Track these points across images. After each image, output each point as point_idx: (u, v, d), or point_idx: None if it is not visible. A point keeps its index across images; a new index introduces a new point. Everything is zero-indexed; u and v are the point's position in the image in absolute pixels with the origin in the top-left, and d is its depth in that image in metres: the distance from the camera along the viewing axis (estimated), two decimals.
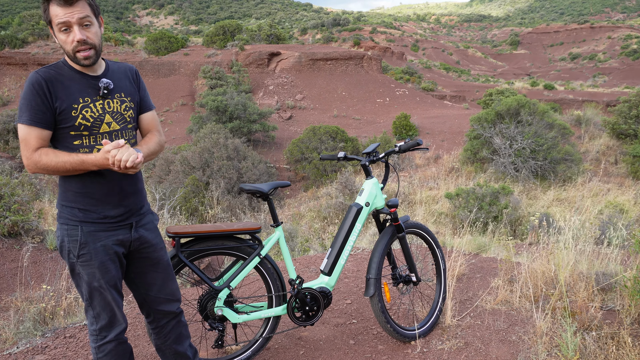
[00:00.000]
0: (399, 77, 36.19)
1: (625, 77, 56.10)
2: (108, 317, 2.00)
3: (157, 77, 29.93)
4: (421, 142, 2.78)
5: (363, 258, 4.53)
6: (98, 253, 1.92)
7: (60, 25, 1.77)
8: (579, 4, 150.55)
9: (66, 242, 1.91)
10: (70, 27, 1.78)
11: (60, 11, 1.75)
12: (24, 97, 1.78)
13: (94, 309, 1.98)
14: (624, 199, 10.38)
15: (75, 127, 1.84)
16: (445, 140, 18.90)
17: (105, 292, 1.96)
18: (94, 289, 1.95)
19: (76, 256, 1.90)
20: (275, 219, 2.64)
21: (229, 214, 11.50)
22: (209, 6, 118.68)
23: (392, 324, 2.77)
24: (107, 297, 1.97)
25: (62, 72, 1.85)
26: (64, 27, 1.77)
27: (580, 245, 3.67)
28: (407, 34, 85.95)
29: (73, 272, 1.97)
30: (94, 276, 1.93)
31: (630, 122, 14.95)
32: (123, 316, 2.07)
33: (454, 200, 9.50)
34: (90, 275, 1.92)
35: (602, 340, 2.75)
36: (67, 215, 1.91)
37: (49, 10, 1.77)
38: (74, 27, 1.78)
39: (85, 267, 1.92)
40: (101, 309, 1.98)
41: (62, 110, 1.81)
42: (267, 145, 20.87)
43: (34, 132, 1.78)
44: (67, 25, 1.77)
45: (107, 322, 2.01)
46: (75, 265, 1.93)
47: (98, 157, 1.77)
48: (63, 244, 1.92)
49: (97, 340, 2.02)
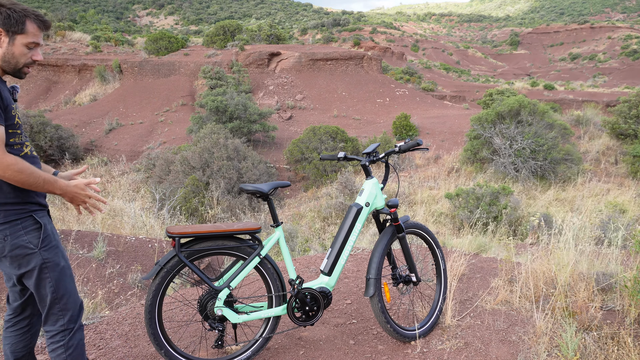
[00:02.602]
0: (399, 77, 36.18)
1: (625, 77, 56.08)
2: (74, 300, 2.09)
3: (157, 77, 29.93)
4: (421, 142, 2.78)
5: (363, 258, 4.53)
6: (53, 233, 2.05)
7: (31, 43, 1.96)
8: (579, 4, 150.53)
9: (22, 236, 1.94)
10: (36, 47, 1.99)
11: (38, 32, 1.97)
12: None
13: (61, 299, 2.04)
14: (624, 199, 10.38)
15: (13, 125, 1.97)
16: (445, 141, 18.90)
17: (69, 270, 2.09)
18: (62, 271, 2.04)
19: (38, 245, 1.97)
20: (275, 219, 2.64)
21: (229, 214, 11.50)
22: (209, 6, 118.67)
23: (392, 324, 2.77)
24: (71, 274, 2.10)
25: None
26: (33, 45, 1.97)
27: (581, 246, 3.67)
28: (407, 34, 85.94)
29: (35, 270, 1.98)
30: (58, 255, 2.04)
31: (630, 122, 14.94)
32: None
33: (454, 201, 9.51)
34: (55, 256, 2.02)
35: (602, 340, 2.74)
36: (15, 211, 1.95)
37: (25, 24, 1.93)
38: (38, 48, 2.01)
39: (50, 251, 2.00)
40: (69, 294, 2.07)
41: (5, 107, 1.91)
42: (267, 145, 20.86)
43: (1, 131, 1.85)
44: (36, 45, 1.98)
45: (75, 309, 2.09)
46: (38, 256, 1.97)
47: (71, 185, 2.00)
48: (16, 242, 1.93)
49: (65, 335, 2.06)
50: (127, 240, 5.81)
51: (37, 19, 1.96)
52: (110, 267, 4.97)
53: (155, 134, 23.80)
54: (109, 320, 3.29)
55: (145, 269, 5.30)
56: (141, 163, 18.79)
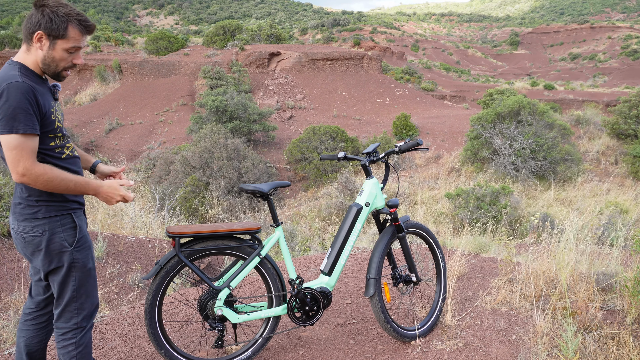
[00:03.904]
0: (399, 77, 36.18)
1: (625, 77, 56.07)
2: (92, 302, 2.12)
3: (157, 77, 29.93)
4: (421, 142, 2.78)
5: (363, 258, 4.53)
6: (88, 235, 2.11)
7: (72, 48, 1.92)
8: (579, 4, 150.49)
9: (60, 234, 1.97)
10: (77, 51, 1.96)
11: (79, 36, 1.92)
12: (17, 106, 1.77)
13: (79, 299, 2.07)
14: (624, 199, 10.38)
15: (54, 130, 1.95)
16: (445, 140, 18.90)
17: (94, 272, 2.13)
18: (88, 272, 2.08)
19: (73, 244, 2.00)
20: (275, 219, 2.63)
21: (229, 214, 11.50)
22: (209, 6, 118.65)
23: (392, 324, 2.77)
24: (95, 276, 2.14)
25: (33, 79, 1.90)
26: (74, 50, 1.93)
27: (581, 246, 3.67)
28: (407, 34, 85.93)
29: (64, 268, 2.01)
30: (88, 257, 2.08)
31: (630, 122, 14.95)
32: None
33: (454, 200, 9.51)
34: (85, 258, 2.06)
35: (602, 340, 2.74)
36: (56, 207, 1.98)
37: (67, 29, 1.88)
38: (79, 52, 1.98)
39: (82, 251, 2.05)
40: (88, 294, 2.10)
41: (44, 115, 1.89)
42: (267, 145, 20.86)
43: (31, 142, 1.82)
44: (77, 49, 1.95)
45: (91, 309, 2.12)
46: (70, 255, 2.00)
47: (104, 186, 2.01)
48: (53, 237, 1.96)
49: (77, 333, 2.08)
50: (127, 240, 5.81)
51: (80, 23, 1.91)
52: (110, 267, 4.97)
53: (155, 134, 23.80)
54: (109, 320, 3.29)
55: (145, 269, 5.30)
56: (141, 163, 18.79)
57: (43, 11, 1.84)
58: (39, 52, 1.89)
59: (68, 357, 2.08)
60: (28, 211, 1.95)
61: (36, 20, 1.84)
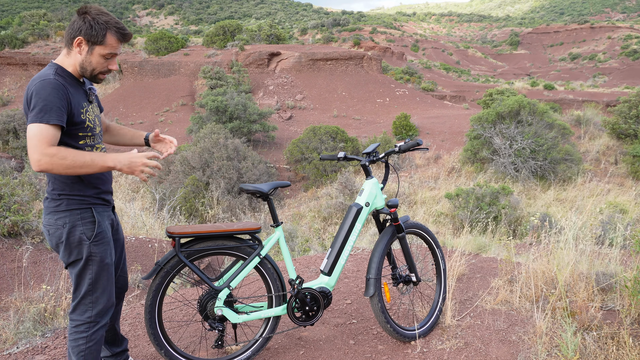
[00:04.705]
0: (399, 77, 36.19)
1: (625, 77, 56.08)
2: (107, 298, 2.15)
3: (157, 77, 29.93)
4: (421, 142, 2.78)
5: (363, 258, 4.53)
6: (108, 230, 2.15)
7: (108, 54, 2.04)
8: (579, 4, 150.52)
9: (79, 227, 2.04)
10: (113, 57, 2.08)
11: (117, 44, 2.04)
12: (47, 98, 1.89)
13: (95, 292, 2.11)
14: (624, 199, 10.38)
15: (83, 129, 2.05)
16: (445, 140, 18.90)
17: (111, 268, 2.16)
18: (103, 268, 2.11)
19: (91, 238, 2.06)
20: (275, 219, 2.63)
21: (229, 214, 11.50)
22: (209, 6, 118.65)
23: (392, 324, 2.77)
24: (112, 272, 2.17)
25: (68, 80, 2.03)
26: (110, 56, 2.05)
27: (581, 246, 3.67)
28: (407, 34, 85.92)
29: (82, 260, 2.06)
30: (106, 252, 2.12)
31: (630, 122, 14.95)
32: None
33: (454, 201, 9.50)
34: (103, 253, 2.11)
35: (602, 340, 2.74)
36: (77, 201, 2.06)
37: (106, 36, 2.00)
38: (115, 58, 2.10)
39: (100, 246, 2.09)
40: (104, 289, 2.13)
41: (73, 113, 1.99)
42: (267, 145, 20.87)
43: (53, 131, 1.89)
44: (114, 56, 2.07)
45: (105, 305, 2.14)
46: (88, 248, 2.05)
47: (126, 158, 1.99)
48: (73, 230, 2.03)
49: (89, 327, 2.11)
50: (127, 240, 5.81)
51: (117, 31, 2.02)
52: None
53: None
54: None
55: (145, 269, 5.30)
56: None
57: (85, 18, 1.97)
58: (77, 57, 2.02)
59: (77, 350, 2.11)
60: (52, 204, 2.05)
61: (78, 27, 1.97)
